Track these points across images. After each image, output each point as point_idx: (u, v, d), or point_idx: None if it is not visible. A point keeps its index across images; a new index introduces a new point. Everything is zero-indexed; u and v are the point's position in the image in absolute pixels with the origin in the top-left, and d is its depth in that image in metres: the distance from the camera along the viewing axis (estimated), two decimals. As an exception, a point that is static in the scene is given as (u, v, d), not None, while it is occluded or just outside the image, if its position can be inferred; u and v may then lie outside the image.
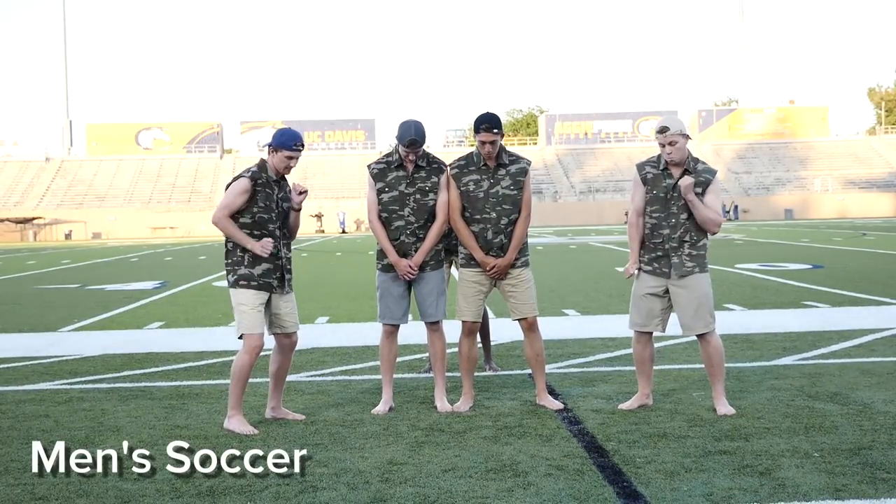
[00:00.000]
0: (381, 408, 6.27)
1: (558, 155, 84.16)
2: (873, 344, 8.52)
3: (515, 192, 6.25)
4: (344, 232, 65.32)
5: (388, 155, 6.36)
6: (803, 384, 6.75)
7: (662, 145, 5.95)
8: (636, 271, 6.16)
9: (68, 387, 7.49)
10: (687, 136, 6.00)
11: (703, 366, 7.57)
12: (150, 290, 17.35)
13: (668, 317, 6.19)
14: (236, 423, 5.83)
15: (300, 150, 6.01)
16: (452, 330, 6.65)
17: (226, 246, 6.05)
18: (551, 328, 10.23)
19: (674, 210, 6.00)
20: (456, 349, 6.76)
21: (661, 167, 6.06)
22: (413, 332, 8.05)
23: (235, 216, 5.90)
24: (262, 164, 6.04)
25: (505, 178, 6.24)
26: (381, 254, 6.35)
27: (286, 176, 6.09)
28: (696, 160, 6.10)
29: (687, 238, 5.99)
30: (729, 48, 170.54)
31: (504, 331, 9.89)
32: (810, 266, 18.92)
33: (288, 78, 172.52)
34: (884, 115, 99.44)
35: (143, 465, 4.63)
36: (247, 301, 5.89)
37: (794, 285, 14.68)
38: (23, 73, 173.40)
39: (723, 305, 11.91)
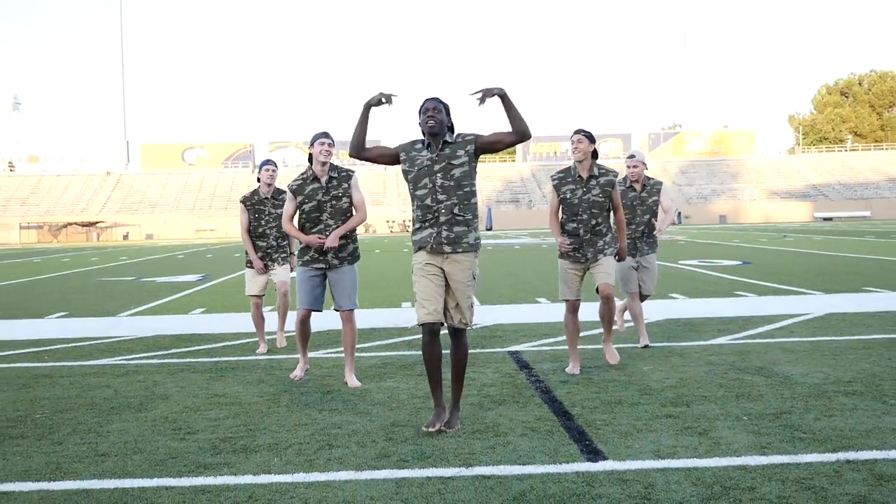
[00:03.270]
0: (297, 373, 6.45)
1: (532, 170, 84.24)
2: (792, 327, 8.55)
3: (603, 199, 6.25)
4: (355, 233, 65.21)
5: (304, 173, 6.15)
6: (734, 360, 6.77)
7: (628, 167, 7.19)
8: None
9: (125, 362, 7.49)
10: (645, 165, 7.43)
11: (653, 344, 7.59)
12: (194, 282, 17.33)
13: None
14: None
15: (269, 170, 7.46)
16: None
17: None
18: (527, 314, 10.25)
19: (638, 213, 7.40)
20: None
21: (627, 185, 7.41)
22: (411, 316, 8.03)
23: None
24: (254, 190, 7.59)
25: (595, 187, 6.25)
26: (302, 252, 6.16)
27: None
28: (649, 178, 7.48)
29: (646, 230, 7.45)
30: (674, 81, 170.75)
31: (487, 315, 9.91)
32: (740, 262, 18.97)
33: (308, 105, 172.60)
34: (801, 138, 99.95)
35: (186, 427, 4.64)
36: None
37: (727, 278, 14.72)
38: (87, 99, 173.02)
39: (668, 295, 11.94)
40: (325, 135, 6.07)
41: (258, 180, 7.52)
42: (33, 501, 3.80)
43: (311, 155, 6.11)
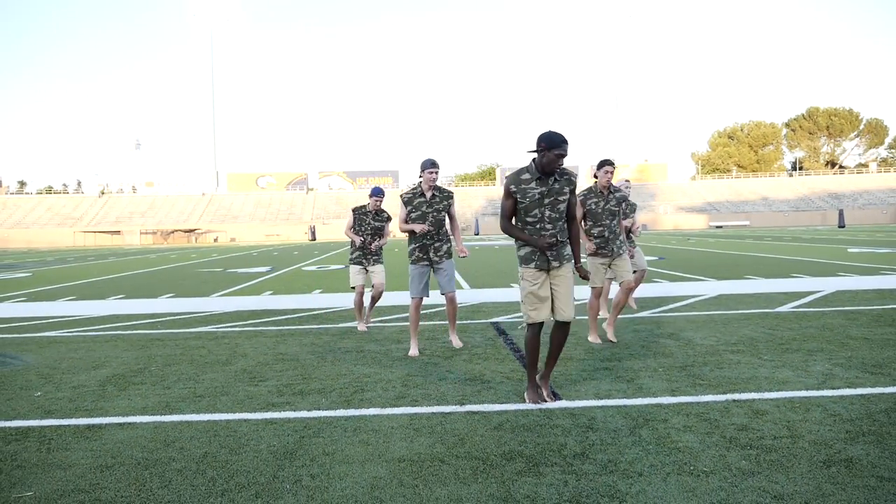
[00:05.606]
0: (413, 351, 5.75)
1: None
2: (694, 304, 8.54)
3: (616, 208, 5.90)
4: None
5: (413, 188, 5.90)
6: (653, 328, 6.76)
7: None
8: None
9: (215, 329, 7.47)
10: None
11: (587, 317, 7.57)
12: (264, 272, 17.28)
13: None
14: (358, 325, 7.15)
15: (378, 200, 6.85)
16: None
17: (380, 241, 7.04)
18: (504, 295, 10.21)
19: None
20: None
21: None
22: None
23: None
24: (365, 205, 6.95)
25: (612, 199, 5.84)
26: (412, 252, 5.79)
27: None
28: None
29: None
30: (610, 125, 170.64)
31: (475, 295, 9.89)
32: (657, 258, 18.93)
33: (347, 142, 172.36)
34: (700, 169, 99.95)
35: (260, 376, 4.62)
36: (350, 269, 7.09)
37: (648, 269, 14.66)
38: (188, 138, 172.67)
39: (605, 281, 11.90)
40: (433, 164, 5.66)
41: (369, 200, 6.95)
42: (149, 430, 3.79)
43: (421, 177, 5.77)
